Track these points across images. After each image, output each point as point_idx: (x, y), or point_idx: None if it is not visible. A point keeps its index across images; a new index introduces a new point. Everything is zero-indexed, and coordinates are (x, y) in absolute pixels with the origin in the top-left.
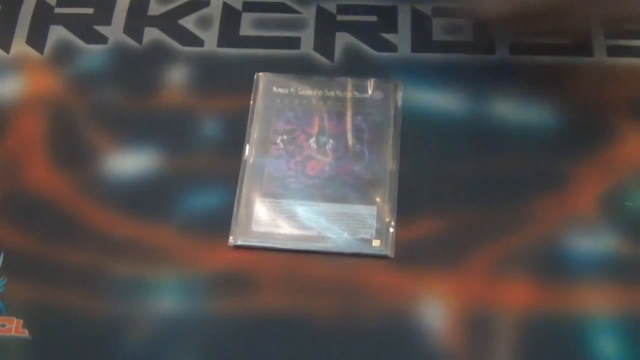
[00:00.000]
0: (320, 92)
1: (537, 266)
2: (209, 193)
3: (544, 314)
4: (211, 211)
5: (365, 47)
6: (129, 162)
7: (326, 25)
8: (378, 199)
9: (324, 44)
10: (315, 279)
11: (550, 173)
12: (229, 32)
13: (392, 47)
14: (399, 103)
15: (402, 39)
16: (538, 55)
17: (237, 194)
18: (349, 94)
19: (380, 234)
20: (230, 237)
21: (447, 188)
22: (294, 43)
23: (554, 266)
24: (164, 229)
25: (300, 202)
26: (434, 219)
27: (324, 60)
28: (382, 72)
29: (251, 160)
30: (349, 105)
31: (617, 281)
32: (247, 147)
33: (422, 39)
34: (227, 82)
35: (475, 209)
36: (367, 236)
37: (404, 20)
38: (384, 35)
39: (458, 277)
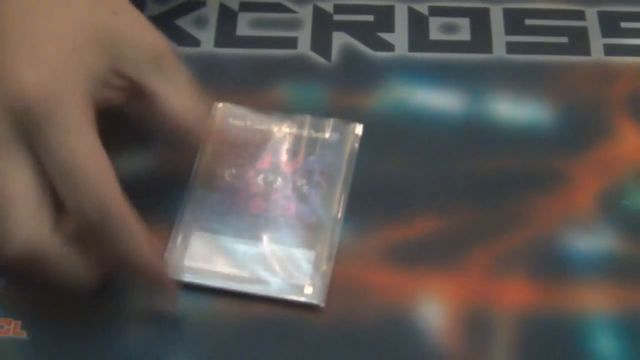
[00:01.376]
0: (277, 128)
1: (534, 265)
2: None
3: (542, 312)
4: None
5: (362, 47)
6: (126, 162)
7: (323, 25)
8: (318, 245)
9: (320, 43)
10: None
11: (547, 172)
12: (225, 32)
13: (389, 47)
14: (356, 146)
15: (399, 38)
16: (535, 54)
17: (175, 225)
18: (305, 133)
19: (315, 281)
20: None
21: (444, 187)
22: (291, 43)
23: (551, 265)
24: (163, 227)
25: (239, 239)
26: (431, 219)
27: (320, 60)
28: (378, 72)
29: (195, 191)
30: (303, 144)
31: (615, 279)
32: (193, 177)
33: (419, 38)
34: (225, 81)
35: (473, 208)
36: (301, 282)
37: (401, 19)
38: (381, 34)
39: (455, 276)
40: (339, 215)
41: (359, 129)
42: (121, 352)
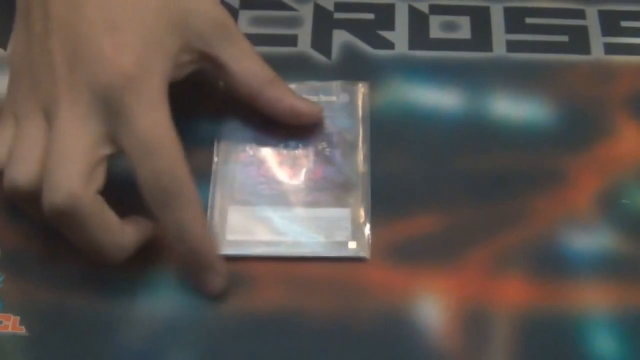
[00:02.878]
0: None
1: (534, 264)
2: None
3: (541, 311)
4: None
5: (362, 45)
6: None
7: (323, 23)
8: (351, 202)
9: (321, 41)
10: (311, 282)
11: (547, 170)
12: None
13: (389, 45)
14: (367, 104)
15: (399, 36)
16: (535, 53)
17: (209, 203)
18: (315, 98)
19: (356, 235)
20: None
21: (444, 185)
22: (291, 40)
23: (551, 264)
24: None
25: (274, 208)
26: (430, 217)
27: (321, 57)
28: (379, 69)
29: (221, 168)
30: None
31: (614, 278)
32: (216, 155)
33: (419, 36)
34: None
35: (472, 206)
36: (343, 238)
37: (401, 17)
38: (381, 32)
39: (455, 275)
40: (365, 170)
41: (365, 87)
42: (121, 348)
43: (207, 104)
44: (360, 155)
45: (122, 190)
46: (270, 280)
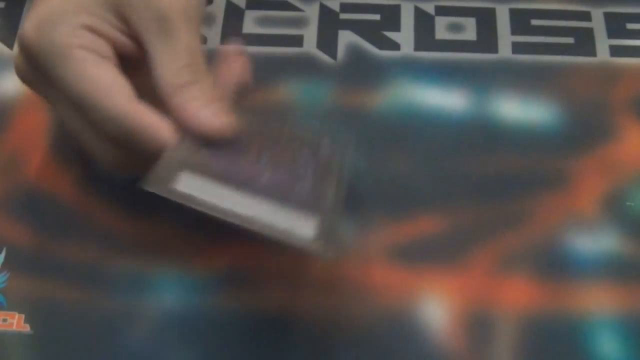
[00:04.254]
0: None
1: (537, 265)
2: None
3: (544, 312)
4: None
5: (368, 46)
6: None
7: (329, 24)
8: (319, 213)
9: (326, 42)
10: (313, 281)
11: (551, 172)
12: (232, 29)
13: (394, 46)
14: (347, 163)
15: (404, 37)
16: (540, 54)
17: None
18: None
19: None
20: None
21: (448, 186)
22: (297, 41)
23: (554, 265)
24: (165, 224)
25: (233, 192)
26: (434, 218)
27: (326, 58)
28: (384, 71)
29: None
30: (297, 144)
31: (618, 280)
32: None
33: (424, 37)
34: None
35: (477, 207)
36: (305, 231)
37: (407, 18)
38: (387, 33)
39: (457, 276)
40: (336, 202)
41: (349, 147)
42: (124, 346)
43: None
44: (334, 188)
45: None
46: (270, 280)
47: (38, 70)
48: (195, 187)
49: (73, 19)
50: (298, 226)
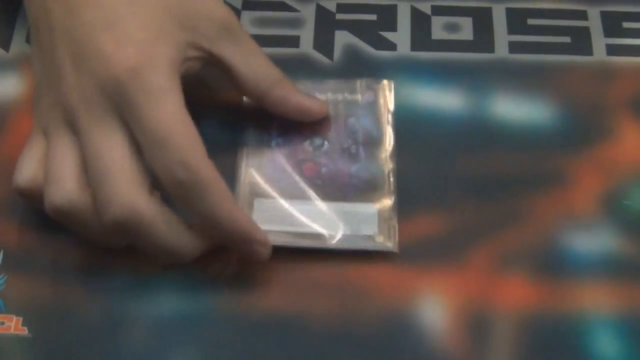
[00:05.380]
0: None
1: (535, 265)
2: None
3: (543, 312)
4: None
5: (364, 46)
6: None
7: (325, 24)
8: (377, 198)
9: (323, 42)
10: (316, 282)
11: (548, 172)
12: None
13: (391, 46)
14: (391, 101)
15: (401, 37)
16: (537, 54)
17: (234, 197)
18: (339, 97)
19: (383, 230)
20: None
21: (447, 186)
22: (293, 42)
23: (552, 265)
24: None
25: (300, 201)
26: (434, 217)
27: (323, 58)
28: (381, 70)
29: (246, 162)
30: (340, 107)
31: (616, 280)
32: (240, 151)
33: (421, 37)
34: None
35: (474, 207)
36: (370, 232)
37: (404, 18)
38: (383, 33)
39: (457, 275)
40: (392, 167)
41: (389, 85)
42: (123, 349)
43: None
44: (386, 153)
45: None
46: (272, 282)
47: (115, 106)
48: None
49: (169, 61)
50: (364, 235)
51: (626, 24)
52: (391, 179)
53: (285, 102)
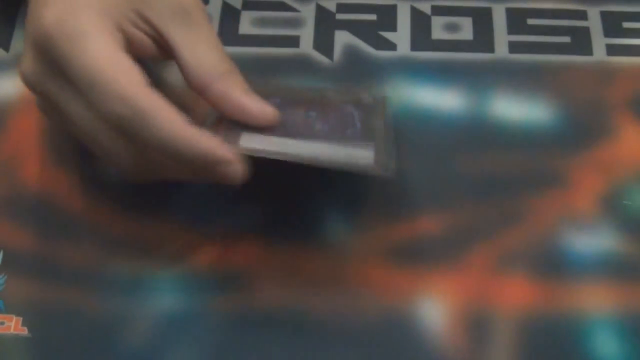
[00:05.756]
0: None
1: (535, 265)
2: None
3: (543, 312)
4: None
5: (364, 46)
6: None
7: (325, 24)
8: (374, 143)
9: (323, 42)
10: (313, 281)
11: (548, 171)
12: (228, 30)
13: (391, 46)
14: (389, 109)
15: (401, 37)
16: (537, 54)
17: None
18: (337, 97)
19: (379, 158)
20: None
21: (445, 186)
22: (293, 42)
23: (552, 265)
24: (163, 225)
25: (291, 139)
26: (432, 218)
27: (323, 58)
28: (381, 71)
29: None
30: (337, 99)
31: (616, 279)
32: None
33: (421, 37)
34: None
35: (474, 207)
36: (365, 160)
37: (404, 18)
38: (383, 33)
39: (456, 275)
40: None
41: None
42: (122, 348)
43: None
44: (382, 119)
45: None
46: (270, 280)
47: (52, 61)
48: (256, 142)
49: (97, 11)
50: (358, 156)
51: (626, 24)
52: (390, 130)
53: (224, 99)
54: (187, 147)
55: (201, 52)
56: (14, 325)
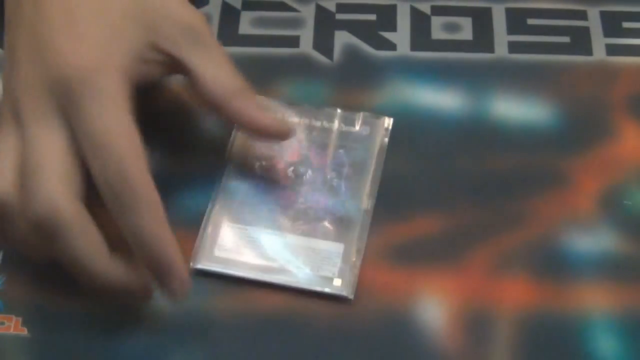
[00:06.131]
0: (306, 121)
1: (535, 265)
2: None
3: (543, 312)
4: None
5: (364, 46)
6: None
7: (325, 24)
8: (347, 238)
9: (323, 42)
10: None
11: (548, 171)
12: (228, 30)
13: (391, 46)
14: (386, 140)
15: (401, 37)
16: (537, 54)
17: (205, 215)
18: (335, 126)
19: (343, 273)
20: (191, 261)
21: (445, 186)
22: (293, 42)
23: (552, 265)
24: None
25: (269, 231)
26: (432, 218)
27: (323, 58)
28: (380, 71)
29: (226, 181)
30: (333, 137)
31: (616, 279)
32: (225, 168)
33: (421, 37)
34: None
35: (474, 207)
36: (329, 274)
37: (403, 18)
38: (383, 33)
39: (456, 276)
40: (369, 208)
41: (388, 122)
42: (122, 348)
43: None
44: (367, 191)
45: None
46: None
47: (62, 101)
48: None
49: (119, 69)
50: (323, 276)
51: (626, 24)
52: (366, 219)
53: (241, 115)
54: (159, 247)
55: (216, 70)
56: (13, 326)
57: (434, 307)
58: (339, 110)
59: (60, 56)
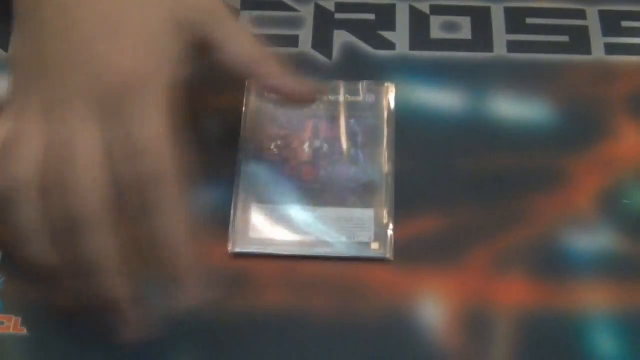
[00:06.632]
0: None
1: (535, 264)
2: (203, 197)
3: (542, 311)
4: (207, 216)
5: (363, 45)
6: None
7: (324, 24)
8: (375, 202)
9: (322, 42)
10: (315, 281)
11: (548, 171)
12: None
13: (390, 45)
14: (392, 105)
15: (400, 37)
16: (536, 53)
17: (233, 201)
18: (341, 98)
19: (379, 236)
20: (229, 245)
21: (445, 186)
22: (292, 41)
23: (552, 264)
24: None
25: (298, 207)
26: (432, 218)
27: (322, 58)
28: (380, 70)
29: (246, 166)
30: (342, 109)
31: (615, 278)
32: (241, 153)
33: (420, 37)
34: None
35: (474, 206)
36: (366, 239)
37: (402, 18)
38: (382, 33)
39: (457, 275)
40: (390, 171)
41: (391, 88)
42: (120, 348)
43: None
44: (385, 156)
45: None
46: (272, 281)
47: (107, 106)
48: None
49: (164, 71)
50: (360, 242)
51: (625, 23)
52: (390, 182)
53: (268, 80)
54: (176, 257)
55: (237, 42)
56: (12, 326)
57: (434, 307)
58: (341, 82)
59: (104, 64)
